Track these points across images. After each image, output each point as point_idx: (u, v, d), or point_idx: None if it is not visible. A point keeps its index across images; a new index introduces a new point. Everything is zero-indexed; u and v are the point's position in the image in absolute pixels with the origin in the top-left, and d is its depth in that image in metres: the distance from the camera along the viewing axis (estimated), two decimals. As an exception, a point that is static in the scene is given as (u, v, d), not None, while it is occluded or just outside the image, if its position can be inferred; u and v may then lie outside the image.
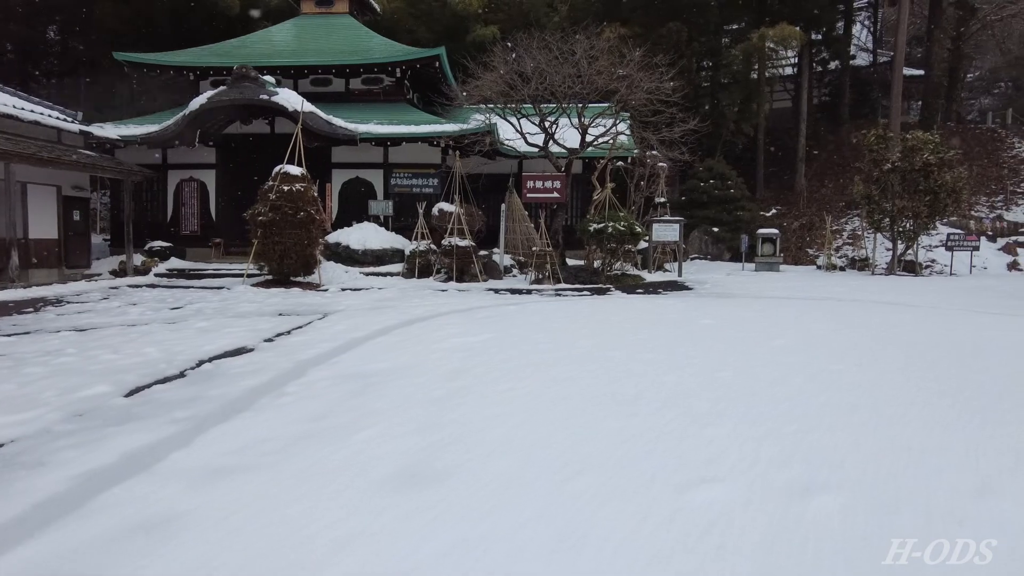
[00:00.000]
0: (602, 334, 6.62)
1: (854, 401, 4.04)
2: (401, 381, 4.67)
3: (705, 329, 6.87)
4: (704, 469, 2.93)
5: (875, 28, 33.71)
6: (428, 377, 4.78)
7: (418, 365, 5.18)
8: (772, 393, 4.22)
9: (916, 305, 9.10)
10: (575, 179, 18.60)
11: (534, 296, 10.74)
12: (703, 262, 20.66)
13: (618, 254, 14.47)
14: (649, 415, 3.77)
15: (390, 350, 5.81)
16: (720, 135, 23.09)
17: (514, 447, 3.25)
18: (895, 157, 15.76)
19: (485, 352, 5.63)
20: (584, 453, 3.16)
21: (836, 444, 3.25)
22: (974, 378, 4.63)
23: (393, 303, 9.42)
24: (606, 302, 9.71)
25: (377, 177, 16.80)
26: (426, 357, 5.45)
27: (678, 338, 6.32)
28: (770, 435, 3.40)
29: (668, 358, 5.34)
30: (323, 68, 18.04)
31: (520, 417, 3.75)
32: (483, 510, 2.54)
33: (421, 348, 5.82)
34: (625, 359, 5.32)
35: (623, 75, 12.84)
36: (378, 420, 3.75)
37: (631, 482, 2.79)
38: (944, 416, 3.70)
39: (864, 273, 16.92)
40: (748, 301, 9.72)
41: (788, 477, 2.85)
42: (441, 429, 3.54)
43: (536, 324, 7.27)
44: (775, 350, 5.66)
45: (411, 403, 4.11)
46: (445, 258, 12.94)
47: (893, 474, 2.86)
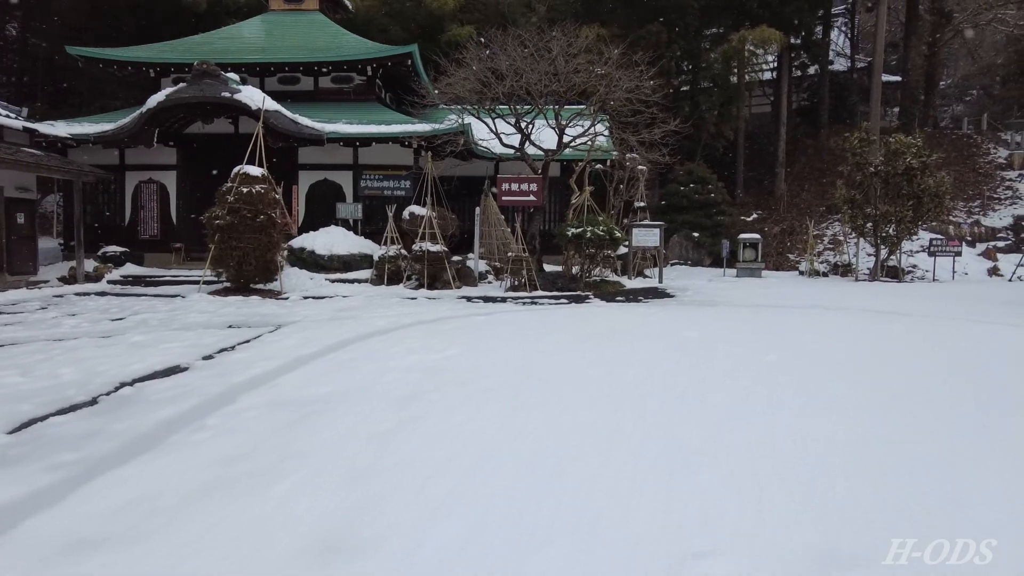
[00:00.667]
0: (578, 348, 6.04)
1: (864, 431, 3.50)
2: (343, 410, 4.04)
3: (689, 342, 6.32)
4: (698, 534, 2.35)
5: (852, 34, 33.77)
6: (376, 404, 4.15)
7: (367, 389, 4.55)
8: (770, 422, 3.67)
9: (908, 314, 8.67)
10: (553, 182, 18.07)
11: (508, 305, 10.14)
12: (684, 268, 20.24)
13: (597, 260, 13.93)
14: (631, 453, 3.19)
15: (339, 370, 5.17)
16: (700, 138, 22.74)
17: (465, 503, 2.64)
18: (878, 161, 15.45)
19: (446, 372, 5.01)
20: (551, 510, 2.56)
21: (854, 492, 2.70)
22: (996, 397, 4.12)
23: (356, 313, 8.76)
24: (584, 311, 9.15)
25: (346, 179, 16.09)
26: (378, 379, 4.81)
27: (661, 353, 5.76)
28: (775, 480, 2.83)
29: (651, 377, 4.78)
30: (291, 65, 17.31)
31: (476, 458, 3.15)
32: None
33: (375, 367, 5.19)
34: (603, 379, 4.74)
35: (602, 74, 12.33)
36: (305, 464, 3.12)
37: (608, 556, 2.20)
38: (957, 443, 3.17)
39: (847, 279, 16.59)
40: (732, 310, 9.22)
41: (804, 543, 2.28)
42: (379, 476, 2.93)
43: (506, 337, 6.68)
44: (768, 367, 5.13)
45: (349, 440, 3.48)
46: (416, 264, 12.30)
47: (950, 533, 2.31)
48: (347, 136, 14.82)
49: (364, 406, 4.11)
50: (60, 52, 18.34)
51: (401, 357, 5.57)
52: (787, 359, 5.42)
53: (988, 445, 3.32)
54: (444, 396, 4.31)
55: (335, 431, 3.63)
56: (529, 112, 13.22)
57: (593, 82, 12.29)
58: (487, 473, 2.95)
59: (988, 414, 3.85)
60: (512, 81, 12.25)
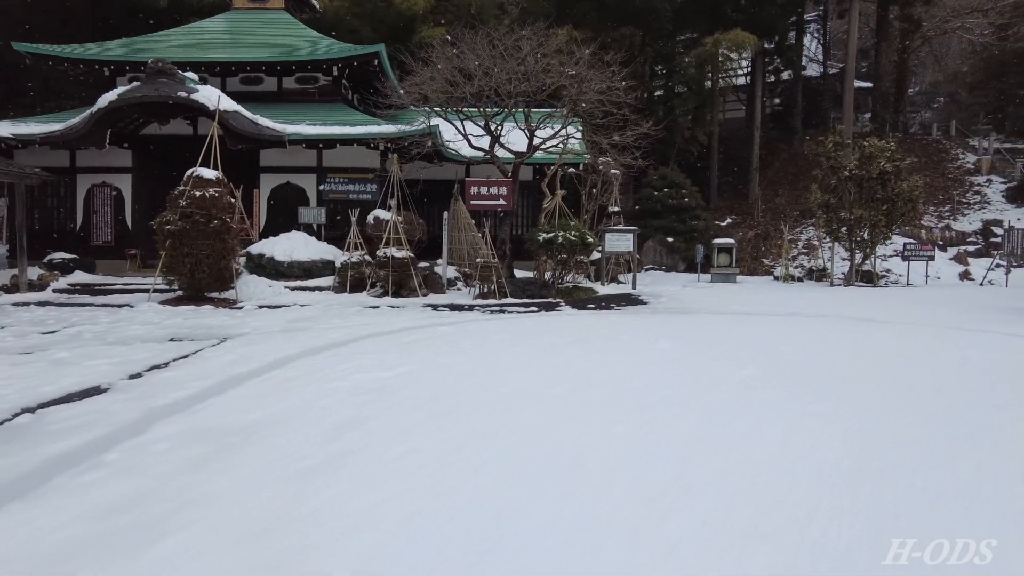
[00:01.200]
0: (543, 363, 5.60)
1: (855, 464, 3.09)
2: (269, 441, 3.54)
3: (663, 355, 5.91)
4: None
5: (824, 40, 34.01)
6: (307, 434, 3.65)
7: (302, 414, 4.04)
8: (749, 454, 3.25)
9: (889, 321, 8.39)
10: (525, 186, 17.66)
11: (475, 313, 9.67)
12: (657, 273, 19.96)
13: (569, 265, 13.54)
14: (592, 495, 2.74)
15: (276, 392, 4.66)
16: (674, 143, 22.55)
17: (391, 571, 2.16)
18: (852, 165, 15.31)
19: (395, 393, 4.53)
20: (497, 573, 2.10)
21: (849, 547, 2.27)
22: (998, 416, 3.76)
23: (311, 324, 8.21)
24: (554, 320, 8.71)
25: (310, 183, 15.50)
26: (316, 402, 4.31)
27: (632, 368, 5.34)
28: (756, 528, 2.40)
29: (620, 397, 4.34)
30: (253, 65, 16.68)
31: (411, 504, 2.67)
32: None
33: (315, 389, 4.68)
34: (567, 399, 4.30)
35: (573, 74, 11.95)
36: (203, 513, 2.61)
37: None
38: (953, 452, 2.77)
39: (822, 284, 16.42)
40: (708, 318, 8.86)
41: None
42: (285, 532, 2.43)
43: (468, 351, 6.21)
44: (745, 384, 4.73)
45: (266, 479, 2.98)
46: (380, 271, 11.76)
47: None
48: (310, 138, 14.25)
49: (293, 436, 3.61)
50: (7, 49, 17.46)
51: (348, 376, 5.07)
52: (769, 375, 5.03)
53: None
54: (387, 423, 3.82)
55: (250, 469, 3.12)
56: (499, 114, 12.79)
57: (564, 82, 11.91)
58: (422, 523, 2.48)
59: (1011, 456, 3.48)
60: (481, 81, 11.81)
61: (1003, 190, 26.01)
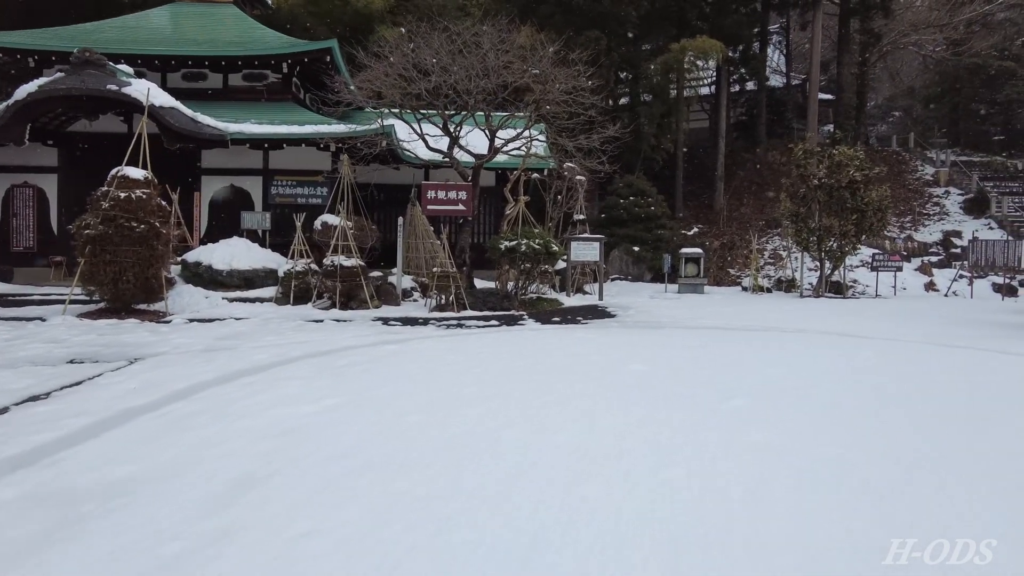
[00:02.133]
0: (499, 391, 4.81)
1: (884, 522, 2.38)
2: (131, 510, 2.67)
3: (636, 380, 5.19)
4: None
5: (787, 51, 34.27)
6: (187, 498, 2.79)
7: (190, 467, 3.18)
8: (759, 528, 2.51)
9: (870, 336, 7.85)
10: (487, 192, 16.93)
11: (429, 329, 8.83)
12: (624, 283, 19.40)
13: (533, 275, 12.82)
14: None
15: (168, 432, 3.77)
16: (640, 151, 22.10)
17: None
18: (821, 174, 14.98)
19: (312, 436, 3.69)
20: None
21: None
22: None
23: (238, 342, 7.27)
24: (515, 337, 7.94)
25: (256, 186, 14.47)
26: (213, 448, 3.44)
27: (602, 400, 4.60)
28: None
29: (589, 441, 3.59)
30: (196, 60, 15.57)
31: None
32: None
33: (217, 429, 3.81)
34: (527, 445, 3.52)
35: (537, 73, 11.27)
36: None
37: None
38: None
39: (791, 295, 16.05)
40: (681, 334, 8.20)
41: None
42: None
43: (413, 377, 5.39)
44: (736, 418, 4.03)
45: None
46: (327, 280, 10.83)
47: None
48: (254, 137, 13.25)
49: (167, 502, 2.75)
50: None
51: (262, 411, 4.20)
52: (761, 407, 4.34)
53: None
54: (294, 481, 2.98)
55: (91, 558, 2.26)
56: (458, 114, 12.00)
57: (528, 80, 11.22)
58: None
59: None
60: (438, 77, 11.02)
61: (960, 202, 26.34)
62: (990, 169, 28.40)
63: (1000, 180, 27.40)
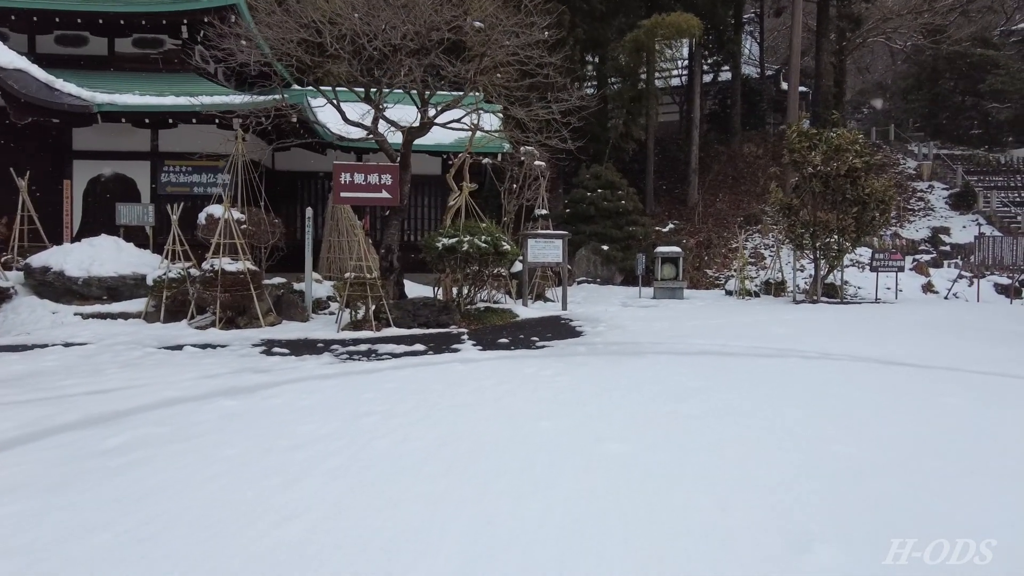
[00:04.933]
0: (374, 503, 2.42)
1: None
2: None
3: (613, 472, 2.86)
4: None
5: (761, 40, 32.54)
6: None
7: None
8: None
9: (923, 365, 5.68)
10: (431, 182, 14.51)
11: (321, 360, 6.37)
12: (592, 286, 17.16)
13: (482, 280, 10.47)
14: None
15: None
16: (607, 140, 19.91)
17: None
18: (817, 160, 12.92)
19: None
20: None
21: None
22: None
23: (20, 389, 4.73)
24: (434, 378, 5.53)
25: (143, 172, 11.80)
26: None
27: (552, 521, 2.23)
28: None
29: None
30: (68, 17, 12.69)
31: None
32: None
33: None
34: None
35: (479, 26, 8.91)
36: None
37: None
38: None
39: (782, 300, 13.99)
40: (670, 365, 5.92)
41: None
42: None
43: (218, 480, 2.97)
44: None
45: None
46: (205, 290, 8.29)
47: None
48: (128, 109, 10.61)
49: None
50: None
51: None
52: (838, 545, 2.10)
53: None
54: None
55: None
56: (382, 78, 9.51)
57: (467, 30, 8.85)
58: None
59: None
60: (353, 26, 8.55)
61: (946, 196, 24.87)
62: (972, 163, 27.04)
63: (984, 174, 26.03)
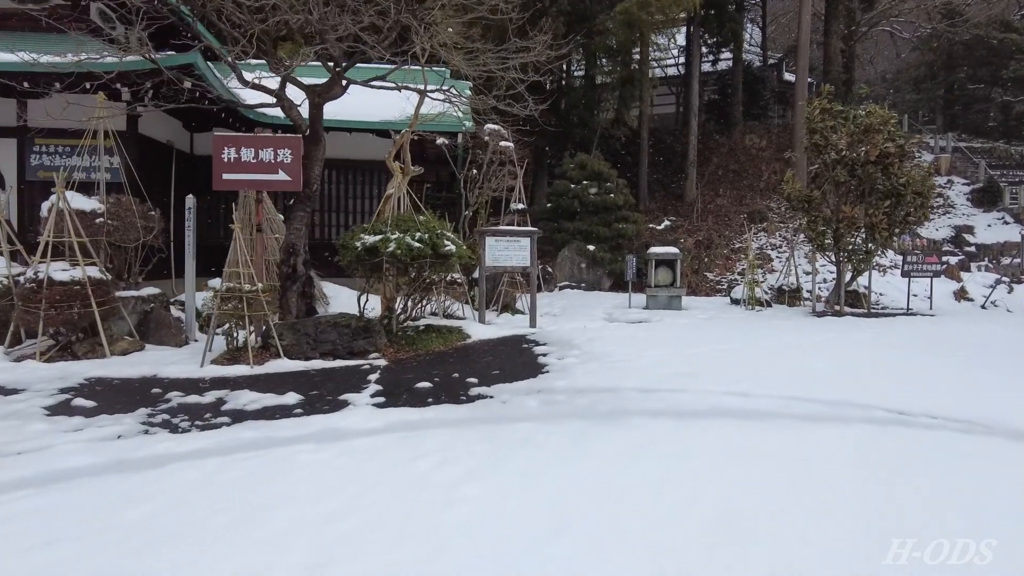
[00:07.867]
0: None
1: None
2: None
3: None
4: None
5: (763, 22, 30.34)
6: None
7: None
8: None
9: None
10: (375, 168, 12.18)
11: (100, 434, 4.09)
12: (575, 293, 14.88)
13: (426, 290, 8.21)
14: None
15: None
16: (595, 126, 17.65)
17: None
18: (842, 144, 10.70)
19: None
20: None
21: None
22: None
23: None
24: (249, 483, 3.23)
25: (8, 152, 9.48)
26: None
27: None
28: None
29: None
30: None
31: None
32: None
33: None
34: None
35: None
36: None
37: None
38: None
39: (799, 310, 11.77)
40: (669, 442, 3.66)
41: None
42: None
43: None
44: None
45: None
46: (27, 307, 6.00)
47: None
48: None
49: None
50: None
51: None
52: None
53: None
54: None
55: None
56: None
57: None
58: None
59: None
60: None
61: (967, 192, 22.71)
62: (993, 156, 24.93)
63: (1007, 168, 23.88)
